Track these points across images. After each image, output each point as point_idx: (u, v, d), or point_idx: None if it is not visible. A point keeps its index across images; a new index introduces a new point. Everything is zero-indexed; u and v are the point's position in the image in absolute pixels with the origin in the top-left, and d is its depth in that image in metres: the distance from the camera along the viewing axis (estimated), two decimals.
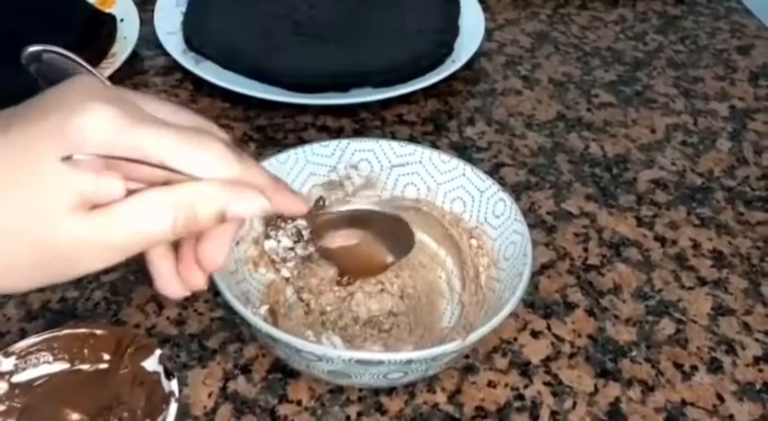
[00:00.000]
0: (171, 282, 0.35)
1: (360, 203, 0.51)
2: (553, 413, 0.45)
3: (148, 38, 0.71)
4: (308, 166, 0.49)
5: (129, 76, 0.68)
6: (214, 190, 0.30)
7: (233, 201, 0.31)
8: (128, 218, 0.29)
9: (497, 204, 0.48)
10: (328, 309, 0.48)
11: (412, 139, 0.64)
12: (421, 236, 0.52)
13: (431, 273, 0.51)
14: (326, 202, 0.49)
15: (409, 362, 0.39)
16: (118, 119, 0.28)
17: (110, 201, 0.29)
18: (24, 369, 0.40)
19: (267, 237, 0.48)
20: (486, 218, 0.49)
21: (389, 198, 0.52)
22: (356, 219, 0.48)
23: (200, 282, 0.35)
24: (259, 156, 0.60)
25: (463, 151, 0.63)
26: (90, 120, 0.28)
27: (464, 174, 0.50)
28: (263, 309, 0.46)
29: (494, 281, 0.46)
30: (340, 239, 0.47)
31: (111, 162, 0.28)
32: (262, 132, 0.64)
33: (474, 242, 0.49)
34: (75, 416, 0.39)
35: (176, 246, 0.34)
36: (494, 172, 0.62)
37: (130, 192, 0.29)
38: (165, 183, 0.30)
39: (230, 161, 0.31)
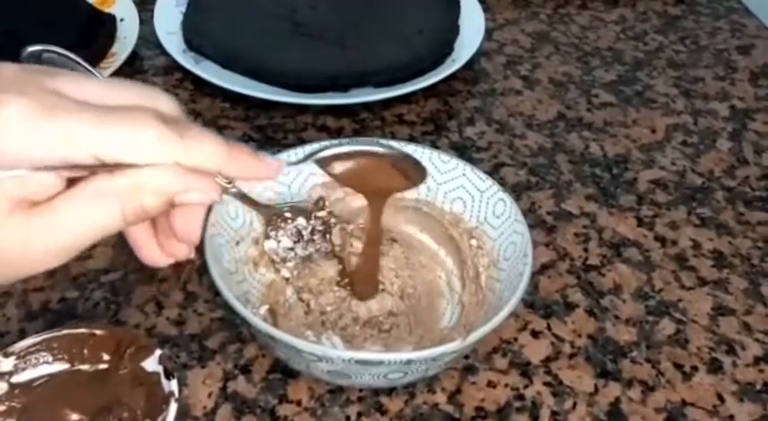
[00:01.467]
0: (152, 251, 0.34)
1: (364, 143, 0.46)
2: (553, 413, 0.45)
3: (148, 38, 0.71)
4: (309, 166, 0.49)
5: (129, 75, 0.68)
6: (159, 177, 0.29)
7: (180, 191, 0.29)
8: (70, 213, 0.28)
9: (497, 204, 0.48)
10: (328, 309, 0.48)
11: (412, 139, 0.64)
12: (421, 236, 0.52)
13: (431, 273, 0.51)
14: (326, 203, 0.49)
15: (409, 362, 0.39)
16: (34, 110, 0.26)
17: (48, 195, 0.28)
18: (24, 369, 0.40)
19: (267, 237, 0.48)
20: (486, 218, 0.49)
21: (391, 197, 0.52)
22: (363, 154, 0.43)
23: (183, 252, 0.34)
24: None
25: (463, 151, 0.63)
26: (5, 114, 0.26)
27: (464, 174, 0.50)
28: (263, 309, 0.46)
29: (494, 281, 0.46)
30: (347, 166, 0.43)
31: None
32: (262, 132, 0.64)
33: (474, 242, 0.49)
34: (74, 416, 0.39)
35: None
36: (494, 172, 0.62)
37: (75, 180, 0.28)
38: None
39: (169, 141, 0.28)
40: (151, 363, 0.41)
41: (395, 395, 0.45)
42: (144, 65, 0.70)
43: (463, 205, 0.50)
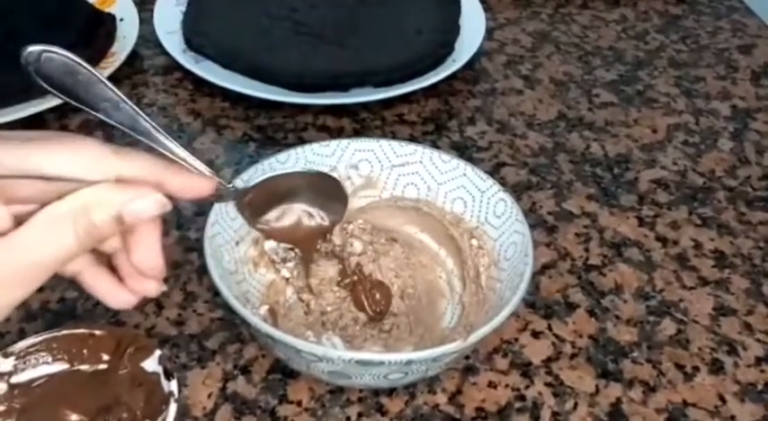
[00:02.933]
0: (118, 294, 0.34)
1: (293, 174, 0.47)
2: (554, 414, 0.45)
3: (148, 37, 0.71)
4: (308, 166, 0.49)
5: (129, 75, 0.68)
6: (104, 192, 0.30)
7: (125, 201, 0.30)
8: (27, 240, 0.28)
9: (498, 204, 0.48)
10: (328, 309, 0.48)
11: (412, 139, 0.64)
12: (422, 236, 0.52)
13: (431, 273, 0.51)
14: None
15: (410, 362, 0.38)
16: None
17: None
18: (23, 369, 0.40)
19: None
20: (486, 218, 0.49)
21: (389, 197, 0.52)
22: (281, 191, 0.44)
23: (151, 289, 0.34)
24: (259, 155, 0.60)
25: (464, 151, 0.63)
26: None
27: (465, 174, 0.50)
28: (263, 310, 0.46)
29: (494, 281, 0.46)
30: (275, 220, 0.44)
31: None
32: (262, 132, 0.64)
33: (475, 242, 0.49)
34: (74, 416, 0.39)
35: (110, 264, 0.34)
36: (495, 172, 0.61)
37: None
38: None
39: (106, 155, 0.30)
40: (151, 364, 0.40)
41: (395, 395, 0.45)
42: (144, 64, 0.70)
43: (464, 205, 0.50)
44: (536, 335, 0.49)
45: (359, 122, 0.65)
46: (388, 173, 0.51)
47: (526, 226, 0.46)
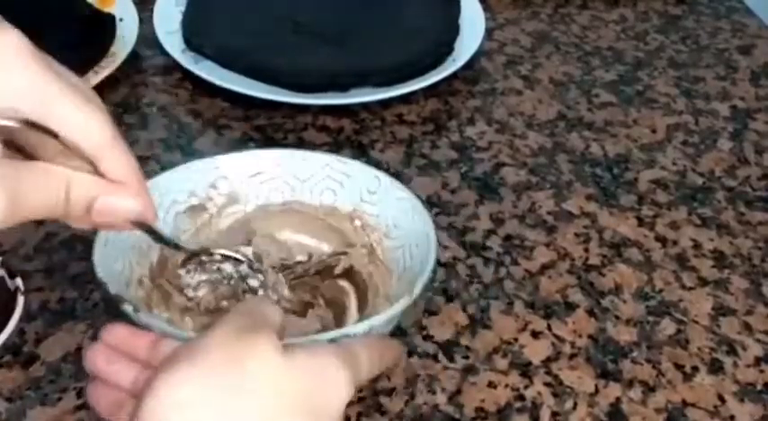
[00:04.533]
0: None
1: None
2: (554, 414, 0.45)
3: (148, 37, 0.71)
4: (169, 195, 0.48)
5: (129, 75, 0.68)
6: (90, 178, 0.31)
7: (103, 193, 0.32)
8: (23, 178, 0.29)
9: (371, 181, 0.49)
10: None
11: (412, 139, 0.64)
12: (297, 237, 0.51)
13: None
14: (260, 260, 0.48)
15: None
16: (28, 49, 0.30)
17: None
18: None
19: (183, 266, 0.46)
20: (361, 197, 0.49)
21: (256, 208, 0.51)
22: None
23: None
24: None
25: (463, 151, 0.63)
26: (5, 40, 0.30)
27: (328, 165, 0.50)
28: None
29: (393, 249, 0.47)
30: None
31: None
32: (262, 132, 0.64)
33: (358, 222, 0.50)
34: None
35: None
36: (494, 172, 0.62)
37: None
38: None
39: (107, 140, 0.31)
40: None
41: (395, 395, 0.45)
42: (143, 64, 0.70)
43: (334, 194, 0.50)
44: (535, 335, 0.49)
45: (358, 122, 0.65)
46: (247, 184, 0.50)
47: (406, 190, 0.47)
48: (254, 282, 0.46)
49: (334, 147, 0.62)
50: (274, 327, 0.31)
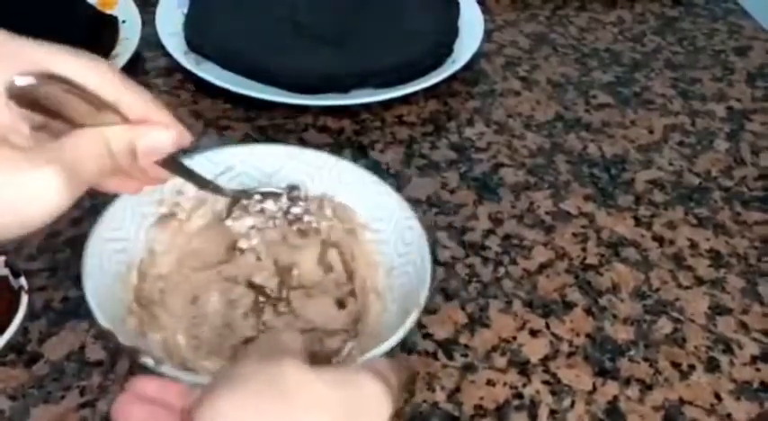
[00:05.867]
0: (127, 184, 0.37)
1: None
2: (552, 412, 0.45)
3: (150, 39, 0.71)
4: (139, 209, 0.47)
5: (131, 77, 0.68)
6: (123, 127, 0.33)
7: (138, 136, 0.33)
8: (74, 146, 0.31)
9: (345, 173, 0.49)
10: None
11: (412, 140, 0.64)
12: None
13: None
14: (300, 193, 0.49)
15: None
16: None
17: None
18: None
19: (229, 215, 0.48)
20: (333, 188, 0.49)
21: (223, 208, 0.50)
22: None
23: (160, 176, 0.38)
24: None
25: (462, 151, 0.64)
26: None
27: (293, 157, 0.50)
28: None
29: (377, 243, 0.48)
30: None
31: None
32: (263, 133, 0.64)
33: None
34: None
35: None
36: (493, 172, 0.62)
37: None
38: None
39: (114, 81, 0.34)
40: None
41: None
42: (146, 66, 0.70)
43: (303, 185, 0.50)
44: (534, 333, 0.50)
45: (359, 123, 0.66)
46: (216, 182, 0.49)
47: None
48: (297, 210, 0.48)
49: (335, 148, 0.62)
50: (295, 353, 0.30)
